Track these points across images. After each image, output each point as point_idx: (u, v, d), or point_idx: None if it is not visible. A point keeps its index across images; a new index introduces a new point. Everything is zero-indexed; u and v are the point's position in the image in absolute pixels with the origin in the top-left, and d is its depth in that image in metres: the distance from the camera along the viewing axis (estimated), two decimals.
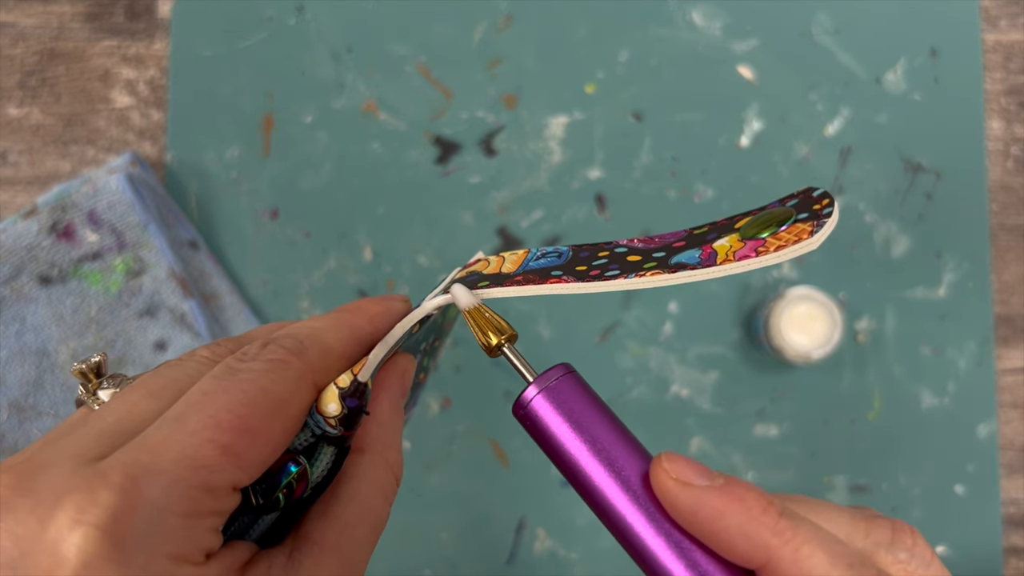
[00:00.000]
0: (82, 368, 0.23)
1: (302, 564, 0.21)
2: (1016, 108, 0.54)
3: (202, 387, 0.20)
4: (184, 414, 0.19)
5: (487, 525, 0.52)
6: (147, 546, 0.17)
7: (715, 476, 0.21)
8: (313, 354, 0.22)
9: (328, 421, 0.22)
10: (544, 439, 0.22)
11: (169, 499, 0.18)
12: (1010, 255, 0.54)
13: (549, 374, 0.22)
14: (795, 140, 0.54)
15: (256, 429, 0.20)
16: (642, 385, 0.53)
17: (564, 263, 0.24)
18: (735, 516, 0.20)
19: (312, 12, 0.54)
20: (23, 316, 0.50)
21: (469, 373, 0.53)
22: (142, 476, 0.18)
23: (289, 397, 0.21)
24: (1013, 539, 0.52)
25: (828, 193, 0.23)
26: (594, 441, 0.22)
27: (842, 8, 0.55)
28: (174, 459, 0.18)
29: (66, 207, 0.50)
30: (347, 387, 0.22)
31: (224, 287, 0.52)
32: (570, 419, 0.22)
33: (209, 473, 0.19)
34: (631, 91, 0.54)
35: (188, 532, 0.18)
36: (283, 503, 0.21)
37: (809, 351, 0.49)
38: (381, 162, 0.54)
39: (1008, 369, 0.53)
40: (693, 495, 0.21)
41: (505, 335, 0.23)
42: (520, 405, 0.22)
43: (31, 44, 0.54)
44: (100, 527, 0.17)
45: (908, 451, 0.53)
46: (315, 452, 0.22)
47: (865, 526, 0.21)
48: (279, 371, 0.21)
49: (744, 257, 0.21)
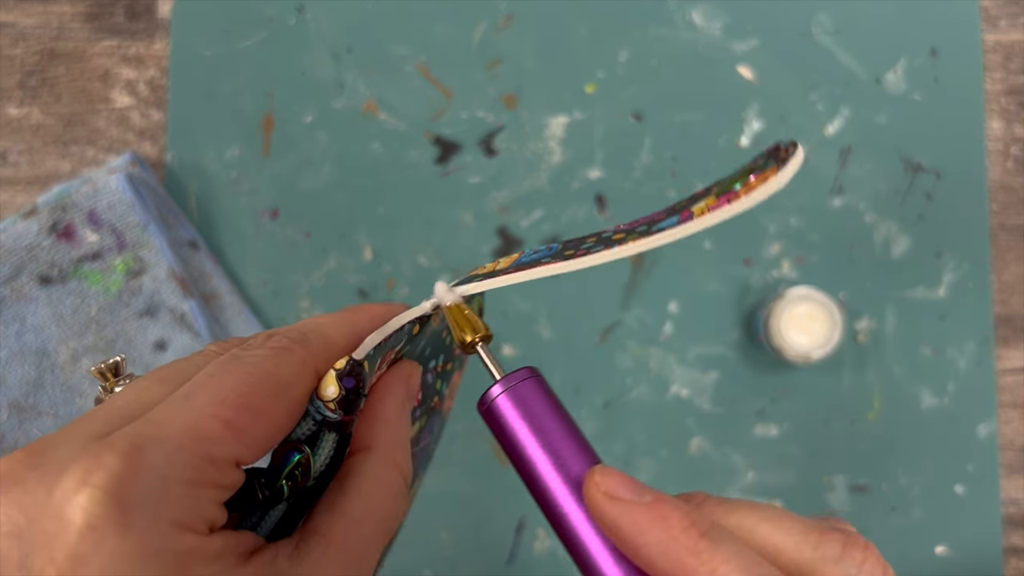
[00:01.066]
0: (100, 368, 0.24)
1: (309, 555, 0.21)
2: (1016, 108, 0.54)
3: (208, 371, 0.21)
4: (190, 393, 0.20)
5: (487, 525, 0.52)
6: (150, 510, 0.18)
7: (644, 493, 0.21)
8: (316, 343, 0.23)
9: (327, 405, 0.22)
10: (502, 436, 0.23)
11: (172, 466, 0.18)
12: (1010, 255, 0.54)
13: (514, 376, 0.24)
14: (795, 140, 0.54)
15: (259, 407, 0.20)
16: (642, 385, 0.53)
17: (554, 255, 0.25)
18: (655, 534, 0.21)
19: (312, 12, 0.54)
20: (23, 316, 0.50)
21: (469, 374, 0.53)
22: (146, 444, 0.18)
23: (292, 380, 0.22)
24: (1013, 539, 0.52)
25: (795, 142, 0.24)
26: (548, 443, 0.23)
27: (842, 8, 0.55)
28: (178, 430, 0.19)
29: (66, 207, 0.50)
30: (343, 367, 0.22)
31: (224, 287, 0.52)
32: (528, 420, 0.23)
33: (212, 444, 0.19)
34: (631, 91, 0.54)
35: (191, 500, 0.19)
36: (287, 493, 0.22)
37: (809, 351, 0.49)
38: (381, 162, 0.54)
39: (1008, 369, 0.53)
40: (618, 509, 0.21)
41: (480, 334, 0.25)
42: (483, 402, 0.24)
43: (31, 44, 0.54)
44: (105, 489, 0.17)
45: (908, 451, 0.53)
46: (317, 440, 0.23)
47: (816, 538, 0.21)
48: (282, 356, 0.22)
49: (715, 207, 0.22)
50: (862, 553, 0.21)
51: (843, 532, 0.22)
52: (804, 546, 0.21)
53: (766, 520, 0.22)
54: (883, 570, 0.21)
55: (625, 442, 0.52)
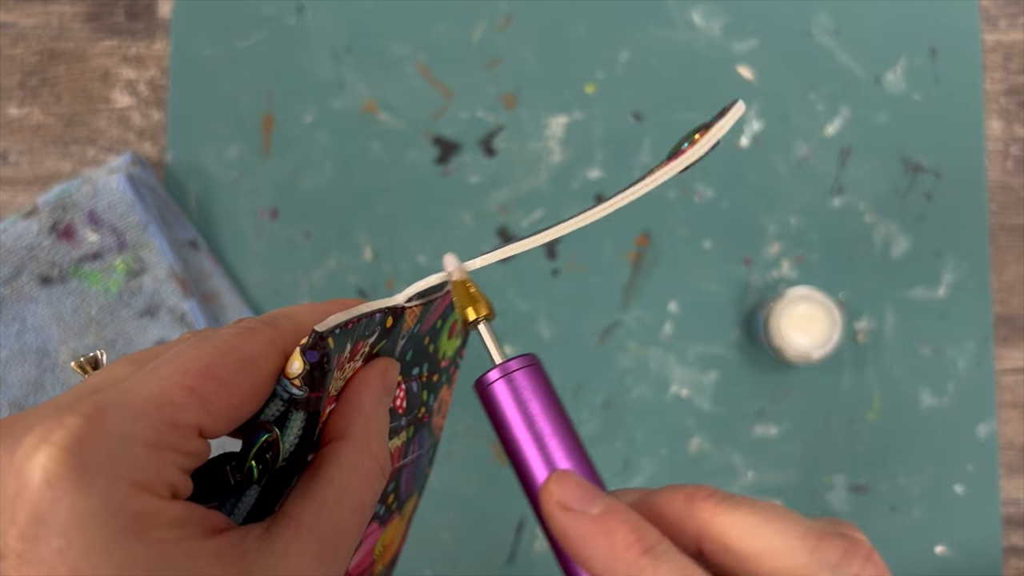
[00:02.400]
0: (80, 362, 0.24)
1: (279, 537, 0.21)
2: (1016, 108, 0.54)
3: (177, 347, 0.21)
4: (156, 366, 0.20)
5: (487, 525, 0.52)
6: (109, 469, 0.18)
7: (595, 503, 0.22)
8: (284, 324, 0.23)
9: (293, 382, 0.22)
10: (495, 419, 0.24)
11: (133, 428, 0.19)
12: (1010, 255, 0.54)
13: (513, 363, 0.24)
14: (795, 140, 0.54)
15: (224, 378, 0.21)
16: (642, 385, 0.53)
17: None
18: (599, 548, 0.21)
19: (312, 12, 0.54)
20: (23, 316, 0.50)
21: (469, 373, 0.53)
22: (108, 407, 0.19)
23: (258, 356, 0.22)
24: (1013, 539, 0.52)
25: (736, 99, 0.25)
26: (536, 432, 0.24)
27: (842, 8, 0.55)
28: (142, 396, 0.19)
29: (66, 207, 0.50)
30: (307, 342, 0.22)
31: (224, 287, 0.52)
32: (520, 408, 0.24)
33: (174, 409, 0.19)
34: (631, 91, 0.54)
35: (151, 462, 0.19)
36: (257, 475, 0.22)
37: (809, 351, 0.49)
38: (381, 162, 0.54)
39: (1008, 369, 0.53)
40: (567, 519, 0.22)
41: (483, 313, 0.25)
42: (481, 384, 0.24)
43: (31, 44, 0.54)
44: (63, 447, 0.17)
45: (908, 451, 0.53)
46: (286, 421, 0.23)
47: (815, 543, 0.21)
48: (249, 334, 0.22)
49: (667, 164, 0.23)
50: (861, 563, 0.21)
51: (846, 538, 0.21)
52: (801, 550, 0.21)
53: (767, 521, 0.22)
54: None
55: (625, 442, 0.52)
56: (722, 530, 0.22)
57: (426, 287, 0.25)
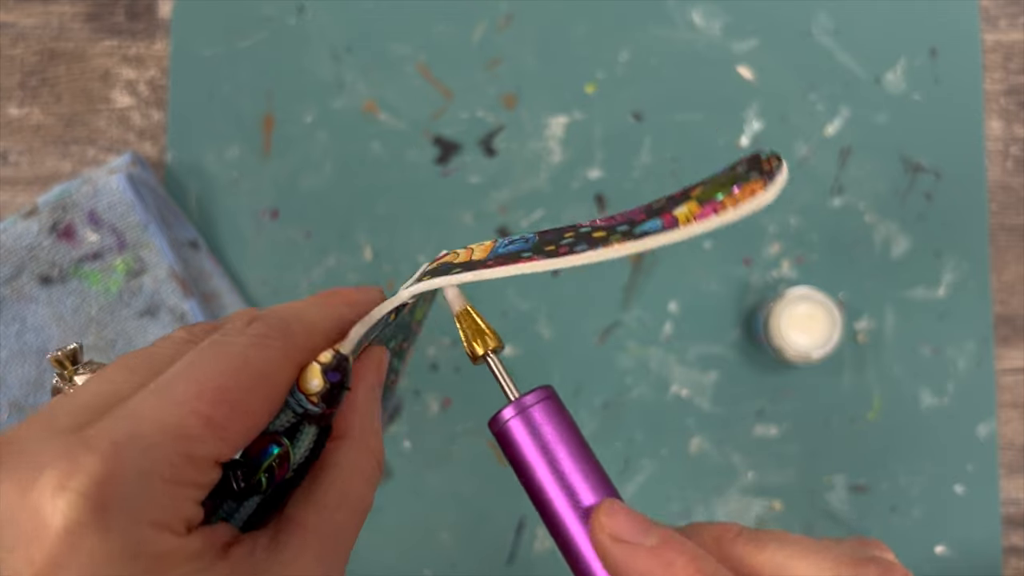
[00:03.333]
0: (57, 356, 0.23)
1: (286, 545, 0.21)
2: (1016, 108, 0.54)
3: (188, 358, 0.21)
4: (169, 383, 0.20)
5: (487, 525, 0.52)
6: (129, 512, 0.18)
7: (651, 533, 0.21)
8: (297, 332, 0.22)
9: (310, 398, 0.22)
10: (513, 457, 0.23)
11: (152, 464, 0.18)
12: (1010, 255, 0.54)
13: (528, 398, 0.23)
14: (795, 140, 0.54)
15: (238, 401, 0.20)
16: (642, 385, 0.53)
17: (532, 247, 0.24)
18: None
19: (312, 12, 0.54)
20: (23, 316, 0.50)
21: (469, 373, 0.53)
22: (125, 441, 0.18)
23: (272, 372, 0.21)
24: (1013, 539, 0.52)
25: (777, 154, 0.24)
26: (557, 470, 0.22)
27: (842, 8, 0.55)
28: (158, 428, 0.19)
29: (66, 207, 0.50)
30: (329, 361, 0.22)
31: (224, 287, 0.52)
32: (539, 445, 0.23)
33: (191, 443, 0.19)
34: (631, 91, 0.54)
35: (170, 500, 0.19)
36: (265, 485, 0.22)
37: (809, 351, 0.49)
38: (381, 162, 0.54)
39: (1008, 369, 0.53)
40: (623, 552, 0.21)
41: (491, 346, 0.24)
42: (496, 423, 0.23)
43: (31, 44, 0.54)
44: (84, 493, 0.17)
45: (908, 451, 0.53)
46: (297, 433, 0.22)
47: (850, 572, 0.21)
48: (263, 345, 0.21)
49: (703, 216, 0.22)
50: None
51: (878, 563, 0.21)
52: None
53: (797, 556, 0.21)
54: None
55: (625, 442, 0.52)
56: (755, 568, 0.22)
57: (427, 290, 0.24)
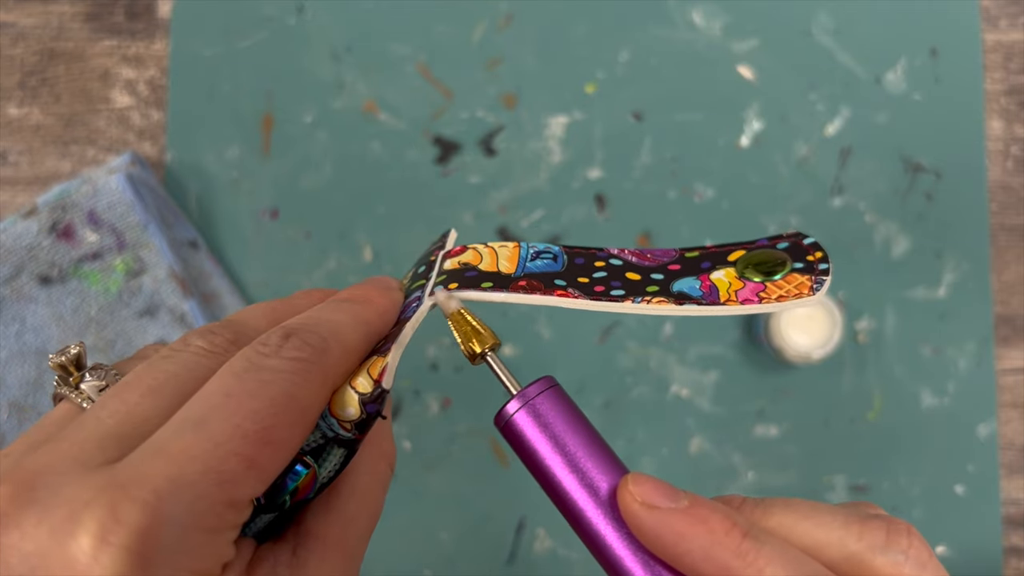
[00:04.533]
0: (61, 361, 0.22)
1: (308, 561, 0.21)
2: (1016, 108, 0.54)
3: (225, 387, 0.19)
4: (206, 419, 0.19)
5: (487, 525, 0.52)
6: (171, 563, 0.17)
7: (680, 497, 0.21)
8: (336, 354, 0.21)
9: (343, 425, 0.21)
10: (523, 452, 0.23)
11: (195, 516, 0.18)
12: (1010, 255, 0.54)
13: (530, 389, 0.23)
14: (795, 140, 0.54)
15: (281, 441, 0.19)
16: (642, 385, 0.53)
17: (563, 271, 0.24)
18: (698, 539, 0.20)
19: (312, 12, 0.54)
20: (23, 316, 0.50)
21: (469, 373, 0.53)
22: (167, 491, 0.17)
23: (312, 403, 0.20)
24: (1013, 539, 0.52)
25: (819, 244, 0.24)
26: (570, 457, 0.22)
27: (842, 8, 0.55)
28: (200, 472, 0.18)
29: (66, 207, 0.50)
30: (369, 393, 0.21)
31: (224, 287, 0.52)
32: (548, 435, 0.22)
33: (234, 488, 0.18)
34: (631, 91, 0.54)
35: (210, 548, 0.18)
36: (288, 505, 0.21)
37: (809, 351, 0.49)
38: (381, 162, 0.54)
39: (1008, 369, 0.53)
40: (657, 518, 0.21)
41: (488, 344, 0.23)
42: (501, 418, 0.23)
43: (31, 44, 0.54)
44: (128, 548, 0.16)
45: (908, 451, 0.53)
46: (323, 453, 0.22)
47: (859, 528, 0.21)
48: (305, 373, 0.20)
49: (747, 300, 0.23)
50: (907, 539, 0.21)
51: (883, 519, 0.22)
52: (848, 539, 0.21)
53: (805, 517, 0.21)
54: (929, 553, 0.21)
55: (625, 442, 0.52)
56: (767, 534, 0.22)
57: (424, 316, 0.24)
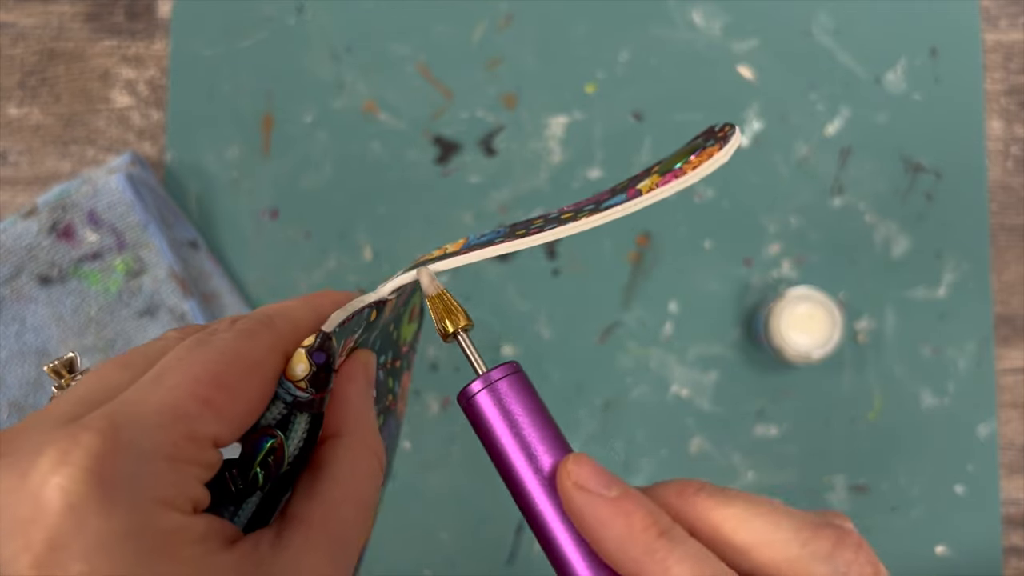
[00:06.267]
0: (54, 366, 0.23)
1: (291, 541, 0.21)
2: (1016, 108, 0.54)
3: (177, 353, 0.21)
4: (161, 374, 0.20)
5: (487, 525, 0.52)
6: (133, 488, 0.17)
7: (612, 486, 0.22)
8: (282, 325, 0.23)
9: (298, 385, 0.22)
10: (479, 429, 0.24)
11: (152, 443, 0.18)
12: (1010, 255, 0.54)
13: (495, 372, 0.24)
14: (795, 140, 0.54)
15: (233, 385, 0.20)
16: (642, 385, 0.53)
17: (504, 235, 0.25)
18: (616, 529, 0.21)
19: (312, 12, 0.54)
20: (23, 316, 0.50)
21: (469, 373, 0.53)
22: (123, 422, 0.18)
23: (262, 359, 0.21)
24: (1013, 539, 0.52)
25: (730, 123, 0.25)
26: (521, 438, 0.23)
27: (842, 8, 0.55)
28: (155, 409, 0.19)
29: (66, 207, 0.50)
30: (313, 343, 0.22)
31: (224, 287, 0.52)
32: (504, 415, 0.24)
33: (190, 421, 0.19)
34: (631, 91, 0.54)
35: (174, 477, 0.18)
36: (262, 481, 0.21)
37: (809, 351, 0.49)
38: (381, 162, 0.54)
39: (1008, 369, 0.53)
40: (584, 500, 0.22)
41: (461, 324, 0.25)
42: (464, 395, 0.24)
43: (31, 44, 0.54)
44: (84, 467, 0.17)
45: (908, 451, 0.53)
46: (289, 424, 0.22)
47: (808, 535, 0.22)
48: (250, 337, 0.22)
49: (665, 184, 0.24)
50: (853, 552, 0.21)
51: (837, 529, 0.22)
52: (793, 543, 0.21)
53: (759, 514, 0.22)
54: (874, 570, 0.21)
55: (625, 442, 0.52)
56: (715, 523, 0.22)
57: (406, 282, 0.25)
